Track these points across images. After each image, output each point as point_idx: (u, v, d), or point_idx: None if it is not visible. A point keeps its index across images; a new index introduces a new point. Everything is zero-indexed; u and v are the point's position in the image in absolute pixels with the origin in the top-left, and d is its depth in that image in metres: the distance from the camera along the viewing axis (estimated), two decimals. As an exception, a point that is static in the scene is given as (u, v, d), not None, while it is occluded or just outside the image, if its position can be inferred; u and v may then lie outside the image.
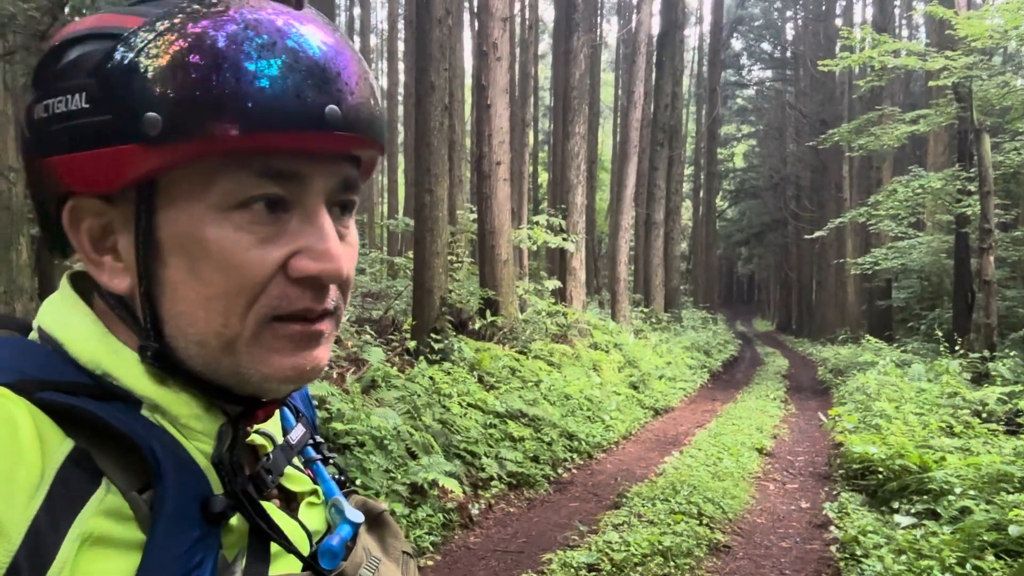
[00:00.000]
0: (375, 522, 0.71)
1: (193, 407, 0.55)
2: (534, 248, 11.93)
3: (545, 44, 32.50)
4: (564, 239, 11.38)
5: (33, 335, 0.58)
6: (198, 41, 0.50)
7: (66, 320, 0.57)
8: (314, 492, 0.65)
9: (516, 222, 13.14)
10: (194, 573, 0.49)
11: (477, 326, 9.10)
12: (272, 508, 0.58)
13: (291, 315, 0.54)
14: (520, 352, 9.08)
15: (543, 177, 30.38)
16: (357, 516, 0.63)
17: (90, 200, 0.54)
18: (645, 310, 18.04)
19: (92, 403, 0.50)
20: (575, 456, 7.13)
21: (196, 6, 0.51)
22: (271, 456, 0.61)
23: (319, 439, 0.70)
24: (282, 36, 0.51)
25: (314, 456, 0.68)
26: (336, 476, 0.69)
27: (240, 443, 0.58)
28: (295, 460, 0.65)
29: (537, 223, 11.42)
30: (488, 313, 9.34)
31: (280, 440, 0.64)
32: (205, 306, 0.52)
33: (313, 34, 0.53)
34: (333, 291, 0.56)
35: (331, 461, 0.70)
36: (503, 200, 9.85)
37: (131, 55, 0.50)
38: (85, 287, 0.58)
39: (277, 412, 0.67)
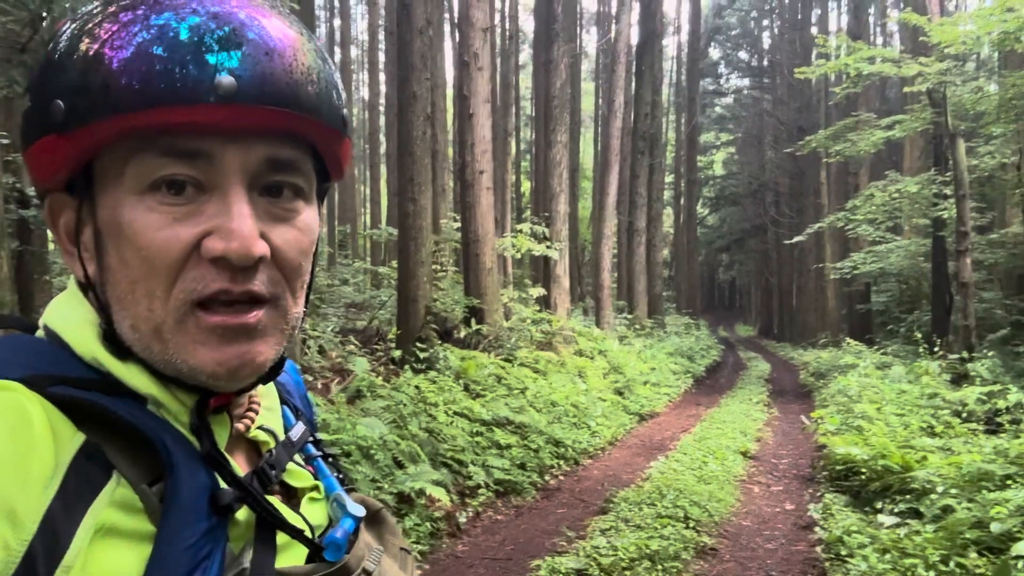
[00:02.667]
0: (373, 519, 0.72)
1: (187, 403, 0.56)
2: (518, 256, 11.96)
3: (526, 54, 32.65)
4: (548, 247, 11.43)
5: (40, 333, 0.59)
6: (89, 28, 0.52)
7: (67, 317, 0.58)
8: (315, 488, 0.66)
9: (500, 230, 13.17)
10: (203, 564, 0.50)
11: (462, 335, 9.10)
12: (276, 502, 0.59)
13: (212, 300, 0.53)
14: (506, 360, 9.09)
15: (526, 186, 30.46)
16: (359, 510, 0.64)
17: (60, 195, 0.57)
18: (629, 316, 18.12)
19: (103, 398, 0.51)
20: (562, 463, 7.13)
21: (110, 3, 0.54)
22: (273, 452, 0.62)
23: (319, 436, 0.72)
24: (170, 8, 0.51)
25: (315, 453, 0.69)
26: (337, 475, 0.70)
27: (207, 431, 0.56)
28: (296, 457, 0.66)
29: (521, 231, 11.46)
30: (473, 321, 9.35)
31: (282, 437, 0.65)
32: (131, 289, 0.53)
33: (222, 14, 0.52)
34: (263, 275, 0.55)
35: (331, 459, 0.70)
36: (487, 209, 9.88)
37: (48, 52, 0.54)
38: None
39: (278, 410, 0.68)
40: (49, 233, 0.64)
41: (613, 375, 11.48)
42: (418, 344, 7.95)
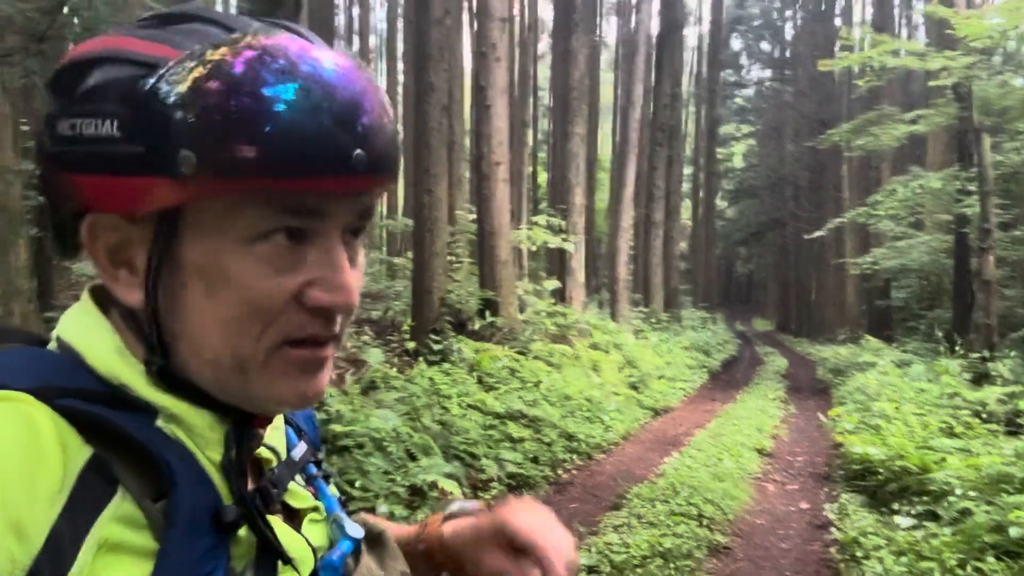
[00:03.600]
0: (375, 542, 0.72)
1: (206, 417, 0.56)
2: (533, 248, 11.93)
3: (544, 44, 32.50)
4: (564, 239, 11.38)
5: (53, 345, 0.59)
6: (232, 82, 0.50)
7: (85, 331, 0.58)
8: (315, 508, 0.66)
9: (515, 222, 13.13)
10: None
11: (476, 327, 9.09)
12: (277, 522, 0.59)
13: (301, 340, 0.55)
14: (519, 353, 9.08)
15: (542, 177, 30.36)
16: (358, 532, 0.64)
17: (110, 217, 0.55)
18: (644, 310, 18.03)
19: (110, 412, 0.51)
20: (575, 457, 7.12)
21: (222, 38, 0.52)
22: (275, 471, 0.62)
23: (321, 457, 0.71)
24: (312, 79, 0.51)
25: (316, 473, 0.69)
26: (339, 497, 0.70)
27: (247, 452, 0.59)
28: (297, 477, 0.66)
29: (537, 223, 11.43)
30: (487, 314, 9.34)
31: (284, 456, 0.65)
32: (221, 328, 0.54)
33: (339, 81, 0.52)
34: (340, 317, 0.57)
35: (331, 480, 0.71)
36: (502, 200, 9.85)
37: (166, 89, 0.50)
38: (104, 300, 0.59)
39: (281, 428, 0.67)
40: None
41: (628, 369, 11.44)
42: (432, 336, 7.95)
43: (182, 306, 0.54)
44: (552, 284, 11.47)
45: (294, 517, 0.64)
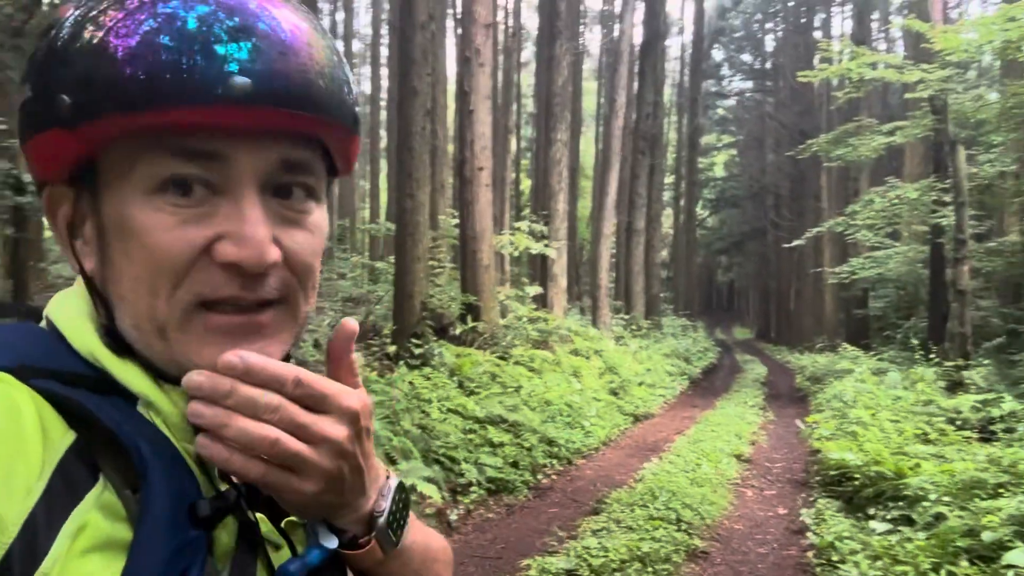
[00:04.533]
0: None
1: (180, 405, 0.53)
2: (516, 254, 11.95)
3: (528, 51, 32.63)
4: (546, 245, 11.41)
5: (44, 324, 0.58)
6: (94, 15, 0.50)
7: (67, 310, 0.57)
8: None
9: (498, 228, 13.15)
10: None
11: (458, 331, 9.08)
12: (262, 519, 0.57)
13: (220, 302, 0.52)
14: (501, 358, 9.08)
15: (525, 183, 30.44)
16: (331, 542, 0.58)
17: (60, 187, 0.56)
18: (625, 317, 18.12)
19: (88, 396, 0.49)
20: (555, 462, 7.12)
21: None
22: None
23: None
24: (182, 5, 0.49)
25: None
26: None
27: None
28: None
29: (519, 229, 11.45)
30: (469, 318, 9.33)
31: None
32: (135, 287, 0.52)
33: (217, 5, 0.50)
34: (274, 279, 0.53)
35: None
36: (485, 205, 9.86)
37: (51, 42, 0.52)
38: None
39: None
40: (45, 221, 0.62)
41: (608, 375, 11.48)
42: (413, 340, 7.93)
43: (111, 267, 0.53)
44: (534, 290, 11.50)
45: (278, 517, 0.60)
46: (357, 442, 0.53)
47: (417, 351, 7.71)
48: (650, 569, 4.45)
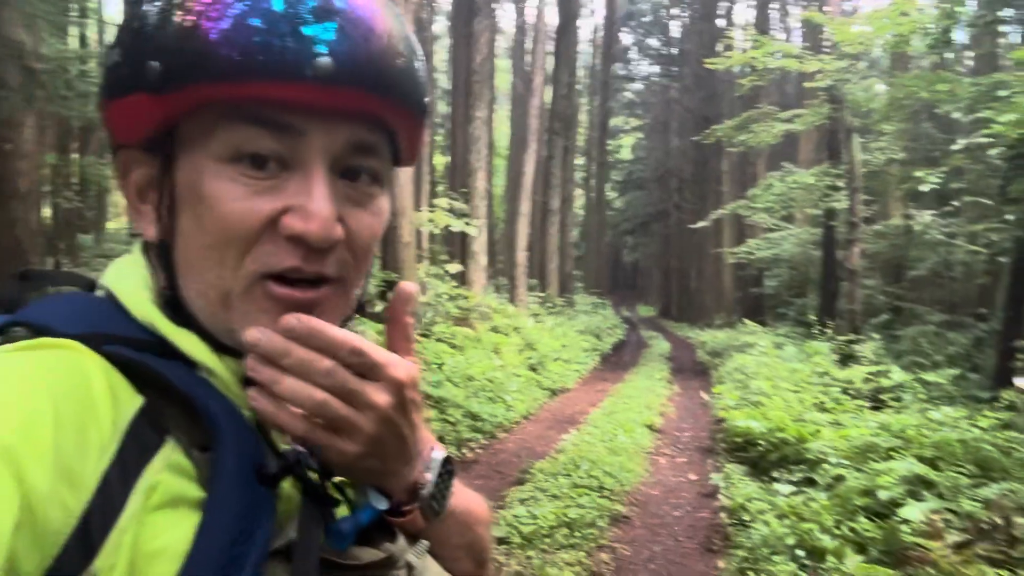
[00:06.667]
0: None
1: (238, 373, 0.55)
2: (436, 231, 11.90)
3: (440, 26, 32.18)
4: (467, 223, 11.42)
5: (100, 293, 0.59)
6: (181, 5, 0.51)
7: (125, 278, 0.58)
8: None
9: (416, 205, 13.04)
10: (250, 533, 0.48)
11: (378, 309, 8.99)
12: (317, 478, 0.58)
13: (282, 275, 0.53)
14: (422, 335, 9.09)
15: (438, 160, 30.17)
16: (382, 503, 0.59)
17: (135, 151, 0.57)
18: (541, 295, 18.37)
19: (157, 360, 0.51)
20: (479, 436, 7.24)
21: None
22: None
23: None
24: None
25: None
26: None
27: None
28: None
29: (439, 206, 11.41)
30: (389, 296, 9.26)
31: None
32: (204, 255, 0.53)
33: None
34: (335, 257, 0.55)
35: None
36: (404, 182, 9.77)
37: (144, 9, 0.53)
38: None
39: None
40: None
41: (527, 351, 11.68)
42: (334, 317, 7.82)
43: (180, 234, 0.55)
44: (455, 267, 11.51)
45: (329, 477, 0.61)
46: (401, 411, 0.54)
47: (338, 328, 7.62)
48: (577, 534, 4.63)
